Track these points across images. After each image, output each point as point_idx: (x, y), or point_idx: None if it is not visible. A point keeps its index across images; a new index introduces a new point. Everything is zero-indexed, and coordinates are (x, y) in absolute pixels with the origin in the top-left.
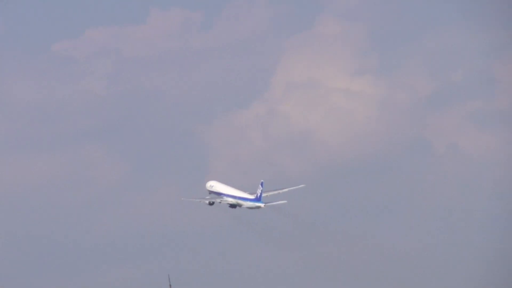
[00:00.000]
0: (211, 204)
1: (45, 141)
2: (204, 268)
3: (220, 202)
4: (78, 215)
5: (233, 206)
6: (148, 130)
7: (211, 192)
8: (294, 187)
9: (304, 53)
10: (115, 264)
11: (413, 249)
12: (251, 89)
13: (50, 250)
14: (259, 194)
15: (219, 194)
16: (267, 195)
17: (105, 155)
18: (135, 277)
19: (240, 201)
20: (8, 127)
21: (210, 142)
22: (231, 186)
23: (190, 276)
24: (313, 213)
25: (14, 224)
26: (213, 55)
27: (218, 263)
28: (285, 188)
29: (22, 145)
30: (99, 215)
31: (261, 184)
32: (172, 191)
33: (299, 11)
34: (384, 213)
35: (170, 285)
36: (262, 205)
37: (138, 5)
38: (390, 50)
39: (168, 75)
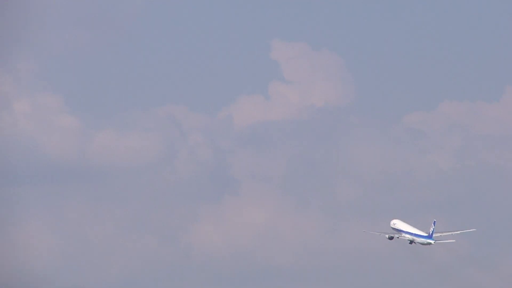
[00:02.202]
0: (390, 238)
1: (384, 209)
2: None
3: (398, 238)
4: None
5: (411, 242)
6: (491, 207)
7: (393, 229)
8: (466, 230)
9: None
10: None
11: None
12: None
13: None
14: (431, 232)
15: (399, 231)
16: (440, 235)
17: (447, 228)
18: None
19: (415, 238)
20: (351, 193)
21: None
22: (411, 225)
23: None
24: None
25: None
26: None
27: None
28: (458, 230)
29: (364, 210)
30: None
31: (433, 223)
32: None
33: None
34: None
35: None
36: (432, 242)
37: (494, 82)
38: None
39: None
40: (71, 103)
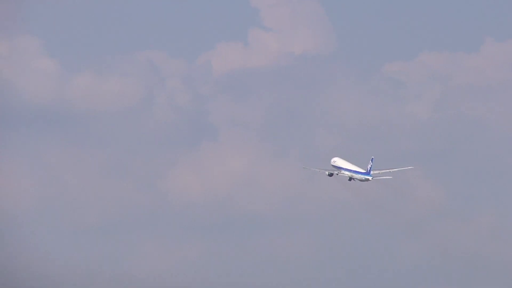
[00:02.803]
0: (330, 175)
1: (362, 157)
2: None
3: (337, 174)
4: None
5: (350, 179)
6: (466, 158)
7: (333, 166)
8: (403, 168)
9: None
10: None
11: None
12: None
13: None
14: (368, 169)
15: (339, 168)
16: (379, 172)
17: (421, 177)
18: None
19: (353, 174)
20: (328, 141)
21: None
22: (351, 162)
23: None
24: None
25: None
26: None
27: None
28: (396, 168)
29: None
30: (401, 242)
31: (371, 160)
32: (487, 221)
33: None
34: None
35: None
36: (370, 178)
37: (474, 33)
38: None
39: (493, 105)
40: (50, 46)
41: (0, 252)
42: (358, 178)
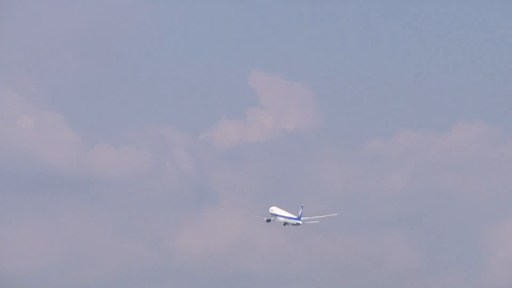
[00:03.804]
0: (268, 221)
1: (348, 226)
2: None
3: (273, 220)
4: None
5: (284, 224)
6: (441, 225)
7: (271, 214)
8: (329, 215)
9: None
10: None
11: None
12: None
13: None
14: (299, 215)
15: (275, 215)
16: (308, 218)
17: (400, 243)
18: None
19: (287, 220)
20: (316, 206)
21: (494, 245)
22: (286, 211)
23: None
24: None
25: None
26: (506, 167)
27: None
28: (322, 215)
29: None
30: None
31: (301, 207)
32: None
33: None
34: None
35: None
36: (300, 222)
37: (447, 114)
38: None
39: (462, 180)
40: (71, 121)
41: None
42: (291, 222)
